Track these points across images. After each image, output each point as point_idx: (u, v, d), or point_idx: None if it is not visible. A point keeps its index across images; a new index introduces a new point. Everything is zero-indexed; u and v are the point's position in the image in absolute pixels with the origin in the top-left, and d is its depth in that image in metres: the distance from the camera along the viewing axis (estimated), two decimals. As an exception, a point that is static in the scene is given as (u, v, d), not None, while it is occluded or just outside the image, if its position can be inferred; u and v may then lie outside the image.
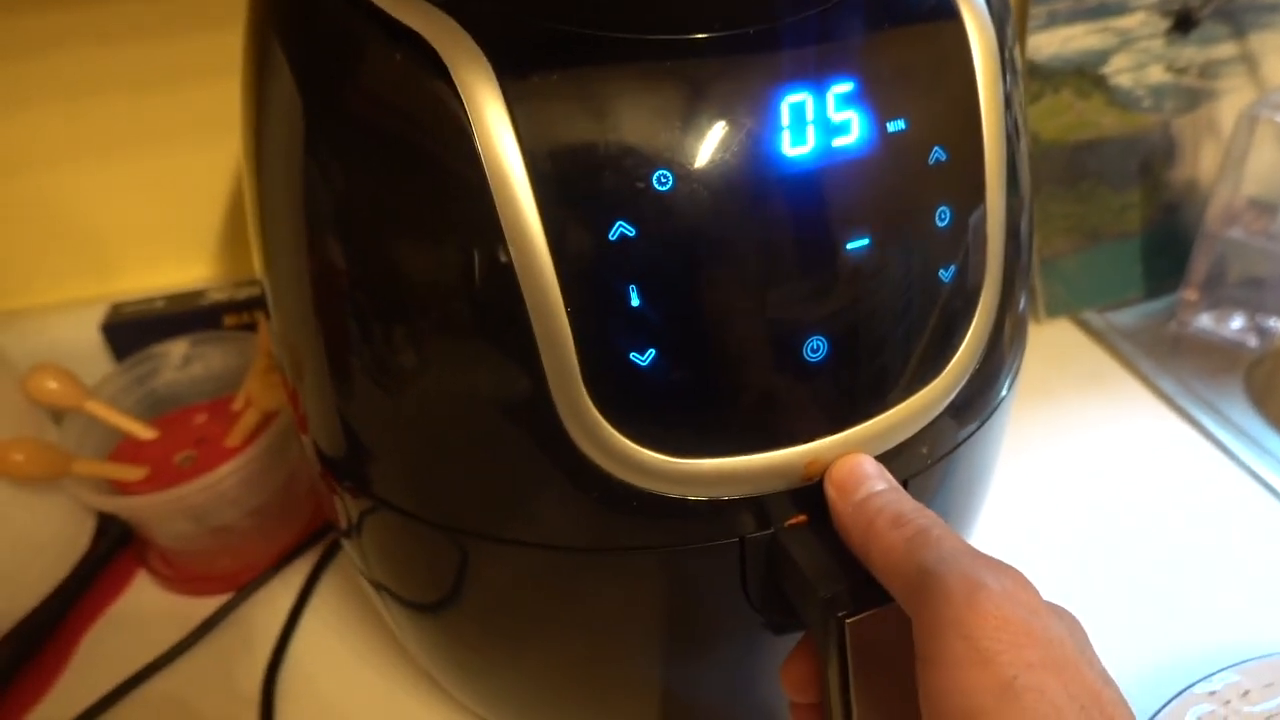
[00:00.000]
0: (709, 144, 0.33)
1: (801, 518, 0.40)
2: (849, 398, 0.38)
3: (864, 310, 0.37)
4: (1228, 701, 0.55)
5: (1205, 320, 0.91)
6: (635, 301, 0.34)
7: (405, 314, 0.37)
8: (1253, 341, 0.90)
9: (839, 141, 0.35)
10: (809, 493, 0.39)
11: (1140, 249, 0.95)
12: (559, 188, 0.33)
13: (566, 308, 0.34)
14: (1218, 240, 0.88)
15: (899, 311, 0.38)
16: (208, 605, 0.68)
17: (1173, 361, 0.88)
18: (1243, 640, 0.60)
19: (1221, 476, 0.75)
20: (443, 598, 0.46)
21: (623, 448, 0.36)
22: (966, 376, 0.41)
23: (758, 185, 0.34)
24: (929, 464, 0.42)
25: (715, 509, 0.38)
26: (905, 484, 0.40)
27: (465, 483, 0.40)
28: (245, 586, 0.69)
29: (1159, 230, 0.96)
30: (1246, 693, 0.55)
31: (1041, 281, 0.93)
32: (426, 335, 0.37)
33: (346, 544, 0.52)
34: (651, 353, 0.35)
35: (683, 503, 0.38)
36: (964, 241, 0.39)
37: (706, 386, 0.36)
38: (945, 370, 0.40)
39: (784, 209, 0.35)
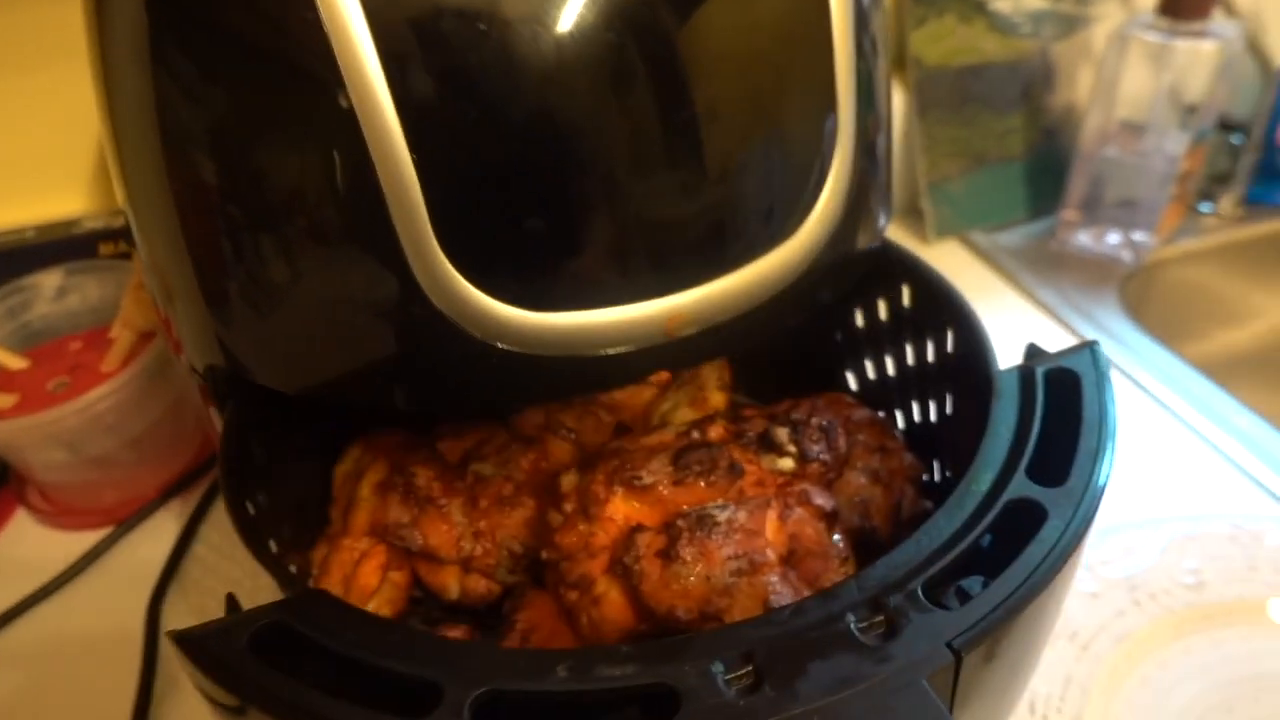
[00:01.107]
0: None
1: (664, 375, 0.40)
2: (707, 249, 0.39)
3: (716, 159, 0.37)
4: (1090, 567, 0.58)
5: (1083, 238, 0.97)
6: (481, 145, 0.34)
7: (256, 183, 0.36)
8: (1127, 256, 0.95)
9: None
10: (672, 350, 0.39)
11: (1022, 172, 1.00)
12: (398, 28, 0.33)
13: (412, 154, 0.34)
14: (1093, 160, 0.93)
15: (751, 165, 0.39)
16: (91, 539, 0.67)
17: (1053, 276, 0.93)
18: (1113, 516, 0.64)
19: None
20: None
21: (477, 301, 0.36)
22: (824, 238, 0.43)
23: (604, 20, 0.34)
24: (790, 327, 0.43)
25: (577, 367, 0.39)
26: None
27: (334, 357, 0.40)
28: (128, 519, 0.68)
29: (1040, 153, 1.00)
30: (1106, 561, 0.59)
31: (930, 204, 0.97)
32: (279, 204, 0.36)
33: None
34: (500, 197, 0.35)
35: (543, 360, 0.38)
36: (812, 96, 0.40)
37: (557, 232, 0.36)
38: (799, 232, 0.42)
39: (632, 47, 0.35)
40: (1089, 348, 0.42)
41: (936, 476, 0.54)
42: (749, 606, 0.42)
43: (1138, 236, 0.95)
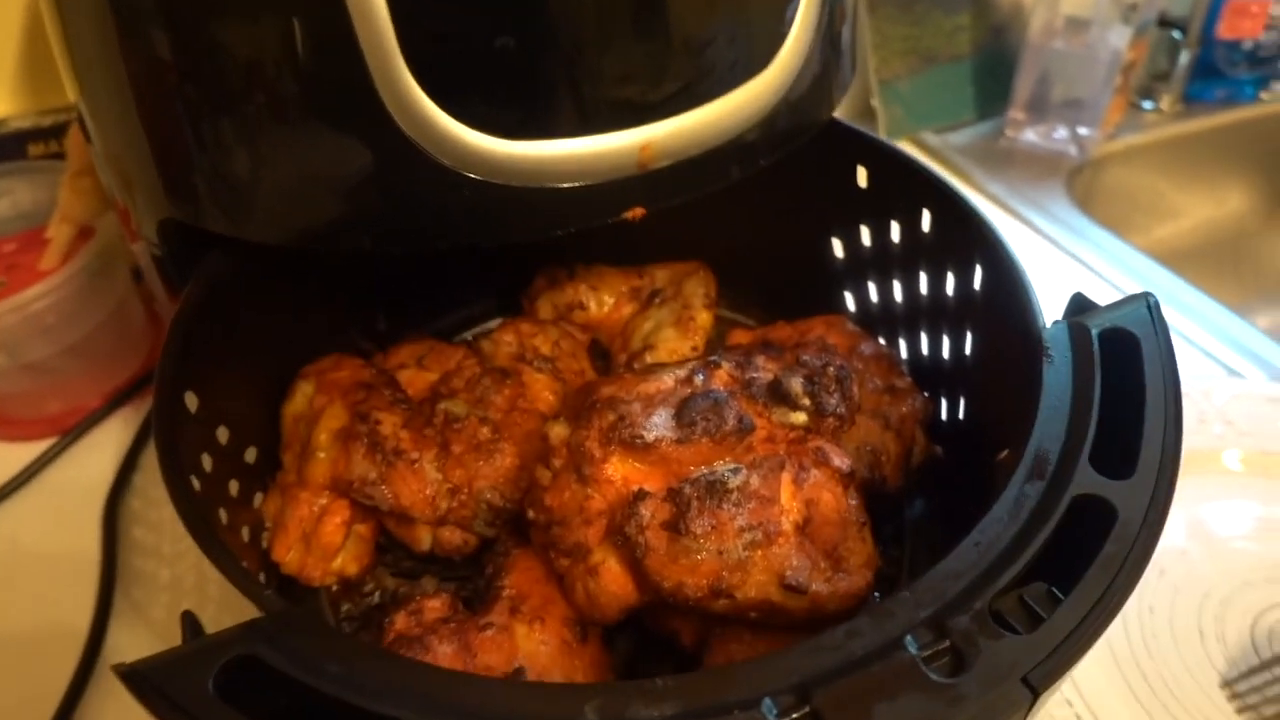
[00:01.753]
0: None
1: (639, 211, 0.39)
2: (679, 79, 0.36)
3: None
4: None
5: (1030, 135, 0.98)
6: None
7: (216, 10, 0.33)
8: (1073, 151, 0.97)
9: None
10: (645, 184, 0.37)
11: (971, 72, 0.99)
12: None
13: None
14: (1040, 53, 0.92)
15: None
16: (36, 450, 0.63)
17: (1003, 171, 0.95)
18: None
19: (1051, 261, 0.83)
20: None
21: (448, 128, 0.34)
22: (791, 80, 0.40)
23: None
24: (762, 165, 0.42)
25: (550, 199, 0.36)
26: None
27: (303, 196, 0.37)
28: (73, 429, 0.64)
29: (988, 53, 0.99)
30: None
31: (882, 104, 0.94)
32: (240, 32, 0.33)
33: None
34: (471, 15, 0.32)
35: (514, 192, 0.36)
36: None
37: (528, 54, 0.33)
38: (773, 63, 0.40)
39: None
40: (1144, 301, 0.38)
41: (943, 414, 0.50)
42: (763, 582, 0.39)
43: (1083, 131, 0.96)
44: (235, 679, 0.27)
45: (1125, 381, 0.35)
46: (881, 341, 0.53)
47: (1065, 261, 0.82)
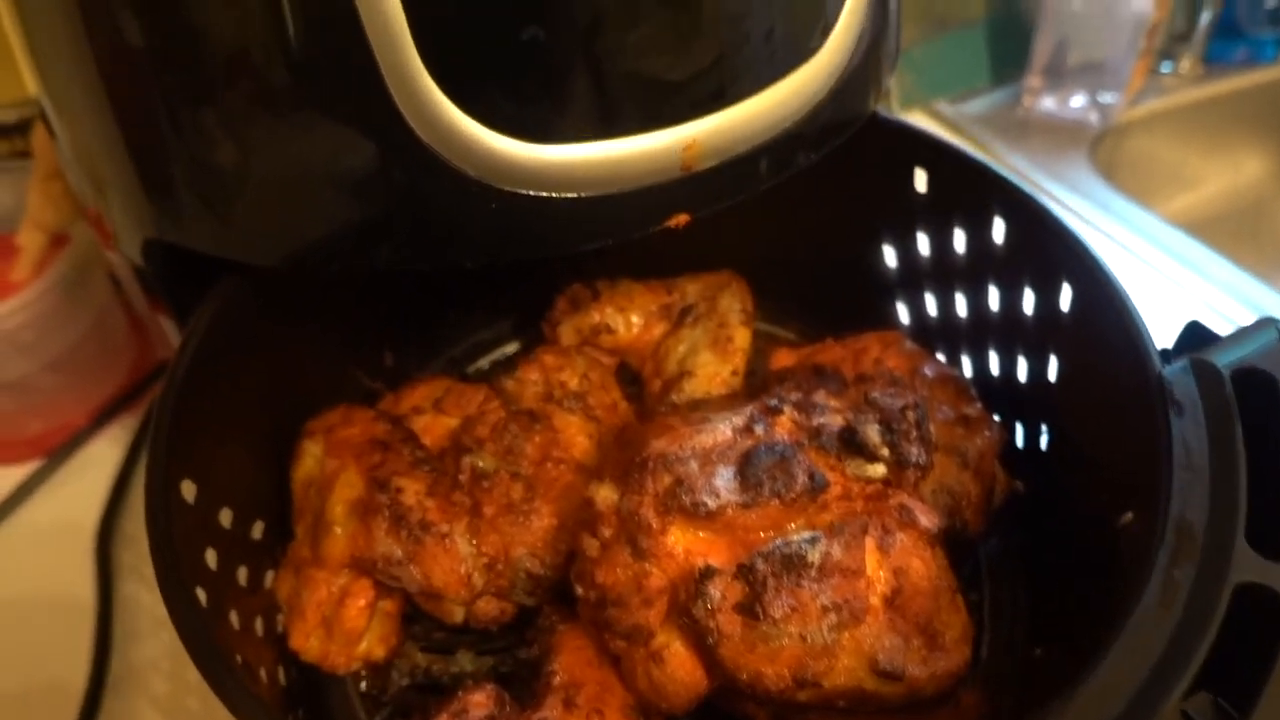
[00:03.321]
0: None
1: (682, 218, 0.35)
2: (722, 73, 0.33)
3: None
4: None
5: (1048, 103, 0.94)
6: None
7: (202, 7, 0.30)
8: (1093, 119, 0.93)
9: None
10: (689, 187, 0.34)
11: (984, 37, 0.95)
12: None
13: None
14: (1059, 15, 0.88)
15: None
16: (19, 474, 0.60)
17: (1023, 142, 0.90)
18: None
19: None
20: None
21: (471, 133, 0.31)
22: (841, 68, 0.37)
23: None
24: (813, 160, 0.38)
25: (585, 209, 0.33)
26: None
27: (306, 214, 0.34)
28: (58, 450, 0.60)
29: (1000, 17, 0.94)
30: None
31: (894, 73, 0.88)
32: (232, 29, 0.30)
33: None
34: (495, 3, 0.29)
35: (546, 203, 0.32)
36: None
37: (559, 47, 0.30)
38: (819, 53, 0.36)
39: None
40: (1274, 329, 0.33)
41: (1019, 442, 0.46)
42: (852, 667, 0.34)
43: (1105, 98, 0.92)
44: None
45: (1270, 434, 0.30)
46: (942, 359, 0.48)
47: (1097, 239, 0.77)
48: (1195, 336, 0.34)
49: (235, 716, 0.27)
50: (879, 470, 0.38)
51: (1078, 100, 0.93)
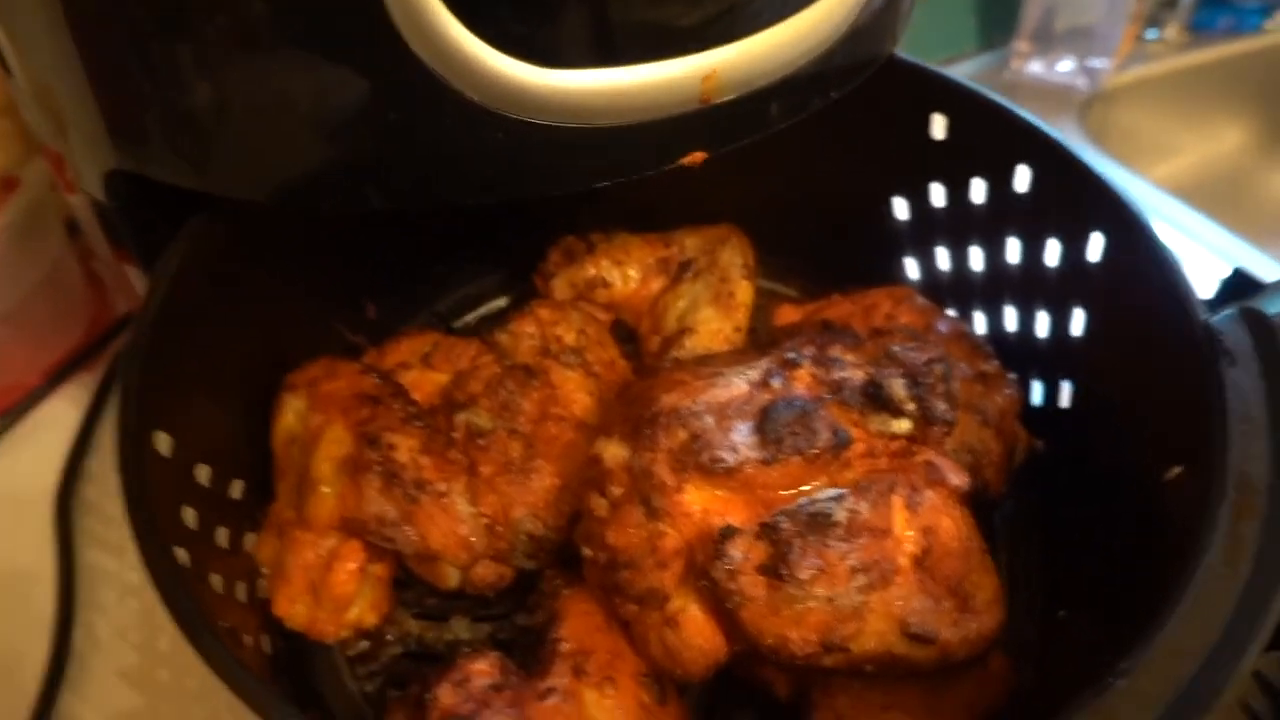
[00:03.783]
0: None
1: (698, 156, 0.34)
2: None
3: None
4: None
5: (1036, 67, 0.92)
6: None
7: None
8: (1081, 84, 0.92)
9: None
10: (707, 121, 0.32)
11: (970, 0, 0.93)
12: None
13: None
14: None
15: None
16: None
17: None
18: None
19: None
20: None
21: (477, 55, 0.28)
22: (862, 5, 0.35)
23: None
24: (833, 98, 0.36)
25: (599, 142, 0.31)
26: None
27: (293, 145, 0.31)
28: (10, 409, 0.57)
29: None
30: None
31: None
32: None
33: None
34: None
35: (557, 134, 0.30)
36: None
37: None
38: None
39: None
40: (1321, 278, 0.32)
41: (1036, 399, 0.44)
42: (882, 631, 0.32)
43: (1095, 63, 0.91)
44: None
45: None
46: (953, 315, 0.46)
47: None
48: (1239, 285, 0.33)
49: (223, 681, 0.25)
50: (904, 426, 0.36)
51: (1065, 65, 0.92)
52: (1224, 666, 0.23)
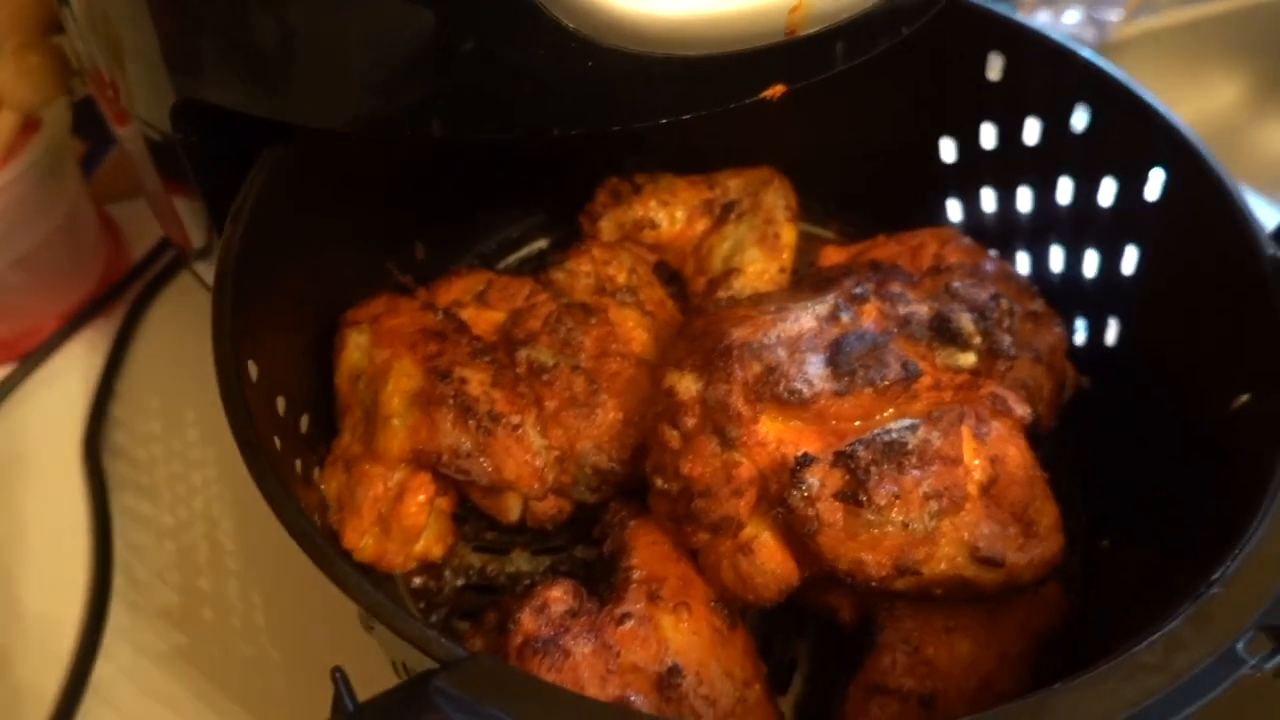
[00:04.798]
0: None
1: (779, 88, 0.34)
2: None
3: None
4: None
5: (1043, 17, 0.90)
6: None
7: None
8: (1089, 35, 0.90)
9: None
10: (790, 55, 0.32)
11: None
12: None
13: None
14: None
15: None
16: None
17: None
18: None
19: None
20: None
21: None
22: None
23: None
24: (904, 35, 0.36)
25: (682, 72, 0.31)
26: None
27: (385, 72, 0.31)
28: (29, 356, 0.56)
29: None
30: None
31: None
32: None
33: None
34: None
35: (645, 62, 0.30)
36: None
37: None
38: None
39: None
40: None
41: (1080, 339, 0.45)
42: (952, 555, 0.33)
43: (1103, 14, 0.91)
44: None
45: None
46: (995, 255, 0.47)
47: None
48: (1301, 221, 0.34)
49: (341, 588, 0.25)
50: (969, 360, 0.37)
51: (1072, 15, 0.91)
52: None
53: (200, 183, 0.38)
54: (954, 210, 0.50)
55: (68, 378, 0.57)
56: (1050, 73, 0.41)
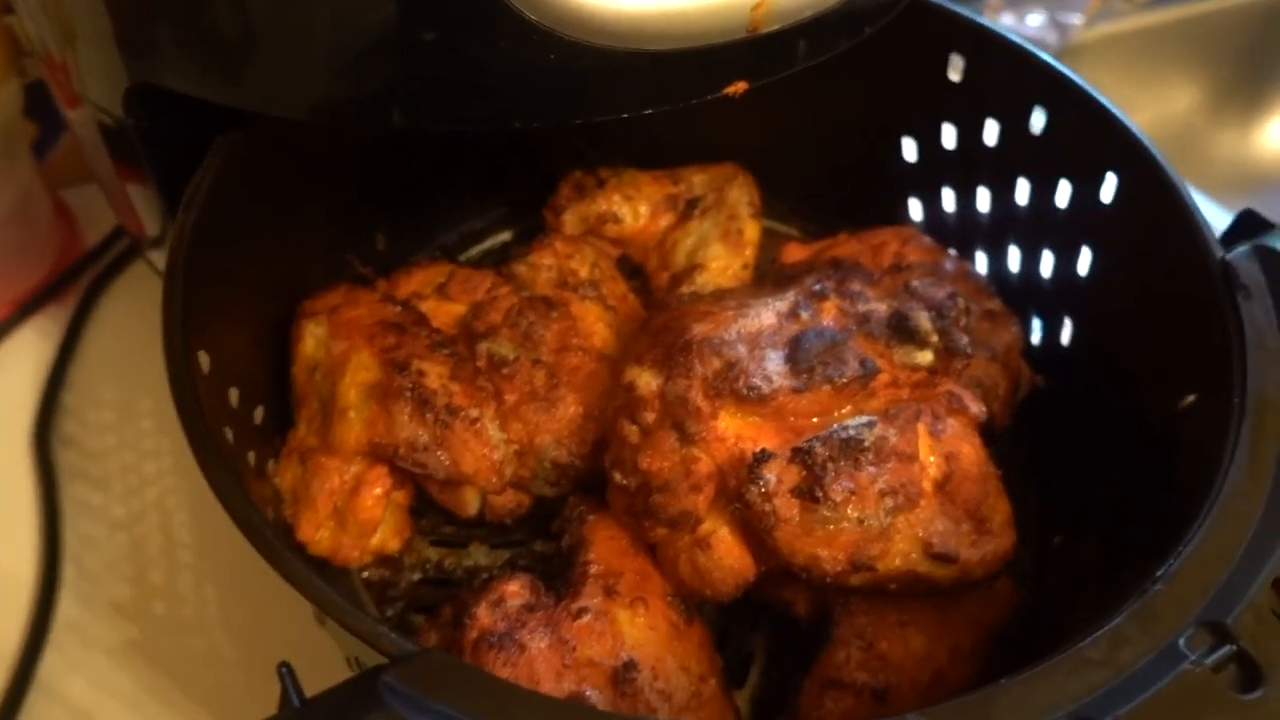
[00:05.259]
0: None
1: (741, 85, 0.34)
2: None
3: None
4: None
5: (1007, 19, 0.91)
6: None
7: None
8: (1052, 39, 0.91)
9: None
10: (753, 51, 0.33)
11: None
12: None
13: None
14: None
15: None
16: None
17: None
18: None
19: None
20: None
21: None
22: None
23: None
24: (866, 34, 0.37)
25: (644, 67, 0.31)
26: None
27: (346, 59, 0.30)
28: None
29: None
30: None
31: None
32: None
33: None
34: None
35: (607, 57, 0.30)
36: None
37: None
38: None
39: None
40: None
41: (1035, 338, 0.46)
42: (906, 551, 0.34)
43: (1065, 18, 0.92)
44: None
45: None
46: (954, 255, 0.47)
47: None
48: (1250, 224, 0.34)
49: (290, 582, 0.25)
50: (926, 358, 0.37)
51: (1035, 19, 0.92)
52: (1252, 572, 0.25)
53: (154, 169, 0.38)
54: (915, 209, 0.51)
55: (18, 365, 0.55)
56: (1009, 75, 0.42)
